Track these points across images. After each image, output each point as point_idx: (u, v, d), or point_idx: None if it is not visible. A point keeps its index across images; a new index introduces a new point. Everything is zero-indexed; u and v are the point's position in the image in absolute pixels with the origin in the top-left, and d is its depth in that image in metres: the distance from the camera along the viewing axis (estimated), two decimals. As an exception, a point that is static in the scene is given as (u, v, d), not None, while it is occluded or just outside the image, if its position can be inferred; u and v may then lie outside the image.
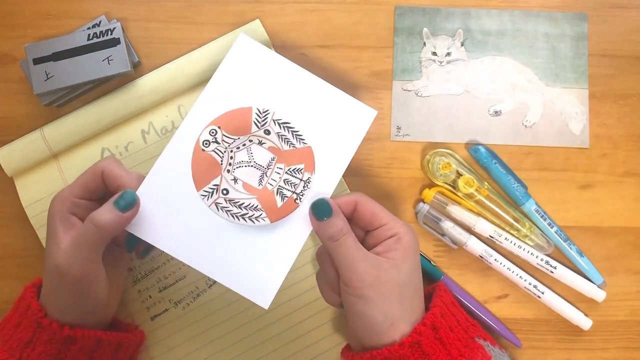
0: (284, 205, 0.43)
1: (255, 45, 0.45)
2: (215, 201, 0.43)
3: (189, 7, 0.54)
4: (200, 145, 0.43)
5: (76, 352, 0.42)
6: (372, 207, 0.43)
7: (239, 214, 0.43)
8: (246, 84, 0.44)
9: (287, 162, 0.44)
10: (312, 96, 0.45)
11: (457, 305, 0.46)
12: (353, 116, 0.45)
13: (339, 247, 0.41)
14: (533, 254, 0.52)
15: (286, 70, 0.45)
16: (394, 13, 0.55)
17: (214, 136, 0.43)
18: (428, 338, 0.40)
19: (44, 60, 0.50)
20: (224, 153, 0.43)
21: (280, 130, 0.44)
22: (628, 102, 0.55)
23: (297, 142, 0.44)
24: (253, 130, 0.44)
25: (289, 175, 0.43)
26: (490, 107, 0.54)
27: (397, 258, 0.42)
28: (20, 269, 0.52)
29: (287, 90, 0.45)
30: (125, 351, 0.46)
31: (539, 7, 0.55)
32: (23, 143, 0.51)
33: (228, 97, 0.44)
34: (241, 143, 0.44)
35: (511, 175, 0.52)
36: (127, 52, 0.51)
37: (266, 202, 0.43)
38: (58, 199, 0.43)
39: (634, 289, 0.53)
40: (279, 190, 0.43)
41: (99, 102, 0.52)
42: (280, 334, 0.51)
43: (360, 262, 0.41)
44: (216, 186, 0.43)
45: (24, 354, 0.41)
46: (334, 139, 0.44)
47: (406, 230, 0.43)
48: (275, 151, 0.44)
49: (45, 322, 0.41)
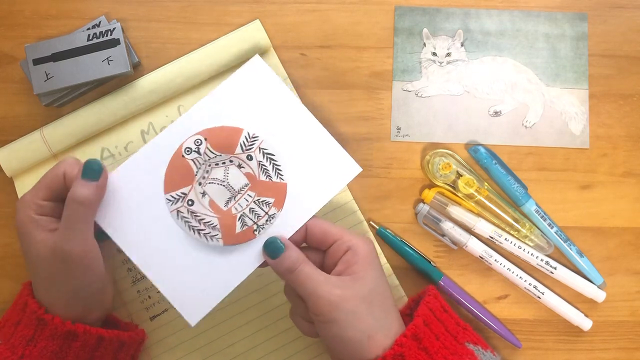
0: (242, 233, 0.43)
1: (267, 70, 0.45)
2: (178, 209, 0.43)
3: (189, 7, 0.54)
4: (182, 150, 0.43)
5: (78, 349, 0.42)
6: (321, 225, 0.44)
7: (195, 227, 0.43)
8: (245, 104, 0.45)
9: (259, 192, 0.44)
10: (305, 136, 0.45)
11: (448, 309, 0.46)
12: (338, 166, 0.45)
13: (298, 277, 0.41)
14: (533, 255, 0.52)
15: (288, 103, 0.45)
16: (394, 13, 0.55)
17: (197, 146, 0.43)
18: (411, 349, 0.40)
19: (44, 60, 0.50)
20: (201, 165, 0.43)
21: (263, 159, 0.44)
22: (628, 102, 0.55)
23: (275, 175, 0.44)
24: (237, 151, 0.44)
25: (256, 205, 0.43)
26: (490, 107, 0.54)
27: (359, 271, 0.41)
28: (20, 269, 0.52)
29: (282, 122, 0.45)
30: (127, 350, 0.46)
31: (539, 7, 0.55)
32: (23, 143, 0.51)
33: (224, 112, 0.44)
34: (221, 161, 0.44)
35: (511, 175, 0.52)
36: (127, 53, 0.51)
37: (225, 225, 0.43)
38: (22, 204, 0.43)
39: (634, 289, 0.53)
40: (241, 217, 0.43)
41: (99, 103, 0.52)
42: (280, 335, 0.51)
43: (322, 286, 0.41)
44: (184, 195, 0.43)
45: (26, 351, 0.41)
46: (312, 183, 0.44)
47: (361, 240, 0.43)
48: (250, 178, 0.44)
49: (47, 318, 0.41)
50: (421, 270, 0.52)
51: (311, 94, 0.54)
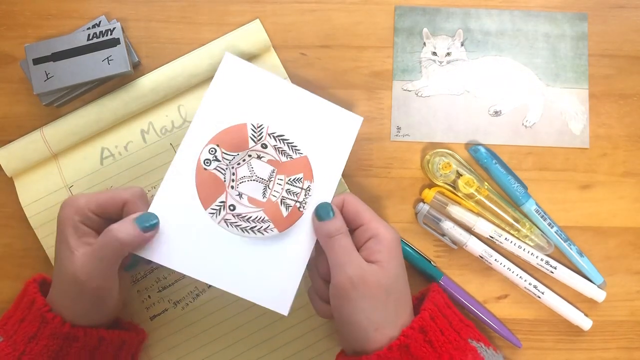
0: (289, 215, 0.44)
1: (241, 62, 0.46)
2: (224, 218, 0.44)
3: (189, 7, 0.54)
4: (201, 164, 0.44)
5: (78, 349, 0.42)
6: (356, 206, 0.45)
7: (248, 227, 0.44)
8: (238, 100, 0.46)
9: (287, 172, 0.45)
10: (301, 108, 0.46)
11: (451, 306, 0.46)
12: (341, 124, 0.47)
13: (334, 245, 0.42)
14: (533, 254, 0.52)
15: (273, 85, 0.46)
16: (394, 13, 0.55)
17: (213, 154, 0.44)
18: (417, 341, 0.41)
19: (43, 60, 0.50)
20: (225, 170, 0.44)
21: (277, 142, 0.45)
22: (628, 102, 0.55)
23: (293, 152, 0.45)
24: (250, 145, 0.45)
25: (290, 185, 0.45)
26: (490, 107, 0.54)
27: (383, 260, 0.42)
28: (20, 269, 0.52)
29: (276, 103, 0.46)
30: (128, 350, 0.46)
31: (539, 7, 0.55)
32: (23, 143, 0.51)
33: (222, 115, 0.45)
34: (241, 159, 0.45)
35: (511, 175, 0.52)
36: (127, 52, 0.51)
37: (272, 213, 0.44)
38: (72, 206, 0.43)
39: (634, 289, 0.53)
40: (282, 201, 0.45)
41: (99, 102, 0.52)
42: (280, 334, 0.51)
43: (352, 261, 0.42)
44: (223, 203, 0.44)
45: (28, 348, 0.41)
46: (326, 146, 0.46)
47: (386, 231, 0.43)
48: (274, 163, 0.45)
49: (50, 316, 0.42)
50: (421, 270, 0.52)
51: (311, 93, 0.54)
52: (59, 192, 0.51)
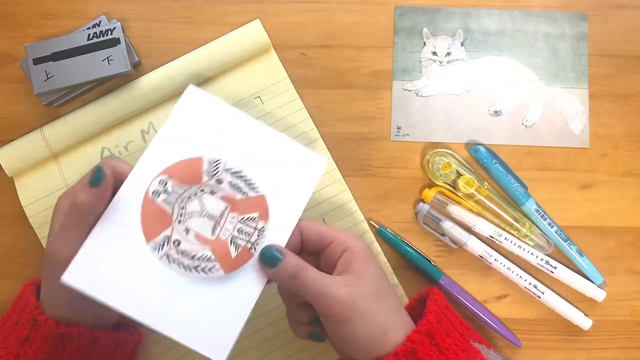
0: (239, 255, 0.42)
1: (205, 95, 0.44)
2: (167, 253, 0.41)
3: (189, 7, 0.54)
4: (149, 195, 0.42)
5: (72, 351, 0.42)
6: (316, 228, 0.43)
7: (191, 265, 0.41)
8: (197, 133, 0.44)
9: (240, 211, 0.43)
10: (263, 144, 0.44)
11: (452, 309, 0.46)
12: (304, 163, 0.44)
13: (303, 282, 0.40)
14: (533, 254, 0.52)
15: (235, 120, 0.44)
16: (394, 13, 0.55)
17: (163, 186, 0.42)
18: (424, 345, 0.40)
19: (44, 60, 0.50)
20: (174, 203, 0.42)
21: (232, 179, 0.43)
22: (628, 102, 0.55)
23: (250, 190, 0.43)
24: (204, 179, 0.43)
25: (243, 224, 0.42)
26: (490, 107, 0.54)
27: (360, 269, 0.41)
28: (20, 269, 0.52)
29: (237, 139, 0.44)
30: (123, 351, 0.46)
31: (539, 7, 0.55)
32: (23, 143, 0.51)
33: (178, 147, 0.43)
34: (192, 193, 0.42)
35: (511, 175, 0.52)
36: (127, 52, 0.51)
37: (220, 252, 0.42)
38: (66, 193, 0.43)
39: (634, 289, 0.53)
40: (232, 240, 0.42)
41: (99, 102, 0.52)
42: (280, 334, 0.51)
43: (331, 286, 0.40)
44: (167, 237, 0.42)
45: (21, 351, 0.41)
46: (286, 186, 0.44)
47: (355, 240, 0.43)
48: (228, 200, 0.43)
49: (41, 319, 0.41)
50: (421, 269, 0.52)
51: (311, 94, 0.54)
52: (59, 192, 0.51)
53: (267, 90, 0.53)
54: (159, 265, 0.41)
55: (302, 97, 0.54)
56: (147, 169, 0.42)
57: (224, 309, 0.41)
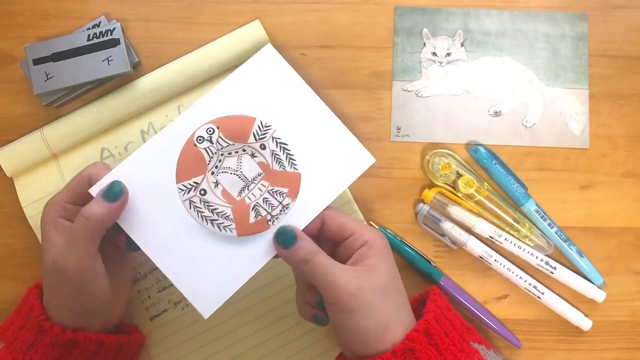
0: (256, 223, 0.42)
1: (279, 59, 0.44)
2: (190, 198, 0.42)
3: (189, 7, 0.54)
4: (194, 139, 0.42)
5: (78, 356, 0.42)
6: (339, 218, 0.43)
7: (208, 217, 0.42)
8: (257, 93, 0.44)
9: (272, 181, 0.43)
10: (318, 125, 0.44)
11: (452, 309, 0.46)
12: (352, 157, 0.44)
13: (314, 268, 0.41)
14: (533, 255, 0.52)
15: (301, 93, 0.44)
16: (394, 13, 0.55)
17: (210, 135, 0.42)
18: (422, 344, 0.40)
19: (43, 60, 0.50)
20: (214, 154, 0.43)
21: (276, 149, 0.43)
22: (628, 102, 0.55)
23: (288, 165, 0.43)
24: (250, 140, 0.43)
25: (270, 195, 0.43)
26: (490, 107, 0.54)
27: (374, 264, 0.41)
28: (20, 269, 0.52)
29: (295, 111, 0.44)
30: (126, 353, 0.46)
31: (539, 7, 0.55)
32: (23, 143, 0.51)
33: (236, 101, 0.43)
34: (234, 150, 0.43)
35: (511, 175, 0.52)
36: (127, 53, 0.51)
37: (239, 215, 0.42)
38: (49, 205, 0.43)
39: (634, 289, 0.53)
40: (255, 207, 0.42)
41: (99, 102, 0.52)
42: (280, 334, 0.51)
43: (341, 276, 0.40)
44: (196, 184, 0.42)
45: (27, 356, 0.41)
46: (326, 173, 0.44)
47: (376, 236, 0.43)
48: (264, 167, 0.43)
49: (47, 325, 0.41)
50: (421, 270, 0.52)
51: (311, 94, 0.54)
52: (59, 192, 0.51)
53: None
54: (180, 208, 0.42)
55: (302, 98, 0.54)
56: (200, 113, 0.43)
57: (225, 269, 0.42)
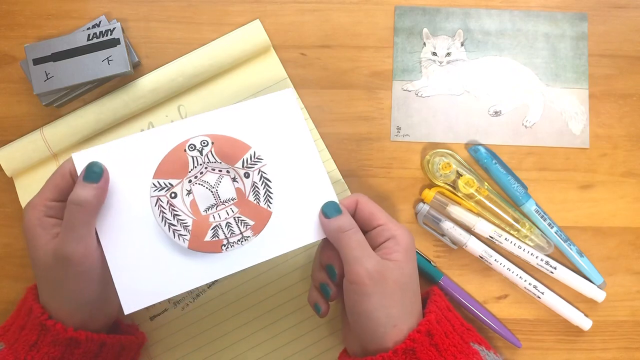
0: (210, 243, 0.42)
1: (294, 105, 0.46)
2: (159, 196, 0.42)
3: (189, 7, 0.54)
4: (186, 145, 0.43)
5: (80, 356, 0.42)
6: (370, 207, 0.44)
7: (168, 221, 0.42)
8: (263, 126, 0.45)
9: (242, 210, 0.43)
10: (307, 178, 0.45)
11: (452, 310, 0.46)
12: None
13: (348, 239, 0.42)
14: (533, 255, 0.52)
15: (303, 143, 0.45)
16: (394, 13, 0.55)
17: (202, 146, 0.43)
18: (423, 345, 0.40)
19: (43, 60, 0.50)
20: (198, 165, 0.43)
21: (258, 182, 0.43)
22: (628, 102, 0.55)
23: (263, 201, 0.43)
24: (237, 165, 0.44)
25: (235, 222, 0.43)
26: (490, 107, 0.54)
27: (400, 259, 0.42)
28: (20, 269, 0.52)
29: (291, 157, 0.45)
30: (127, 354, 0.46)
31: (539, 7, 0.55)
32: (23, 143, 0.51)
33: (239, 125, 0.44)
34: (218, 168, 0.43)
35: (511, 175, 0.52)
36: (127, 53, 0.51)
37: (197, 229, 0.42)
38: (30, 207, 0.43)
39: (634, 289, 0.53)
40: (215, 227, 0.43)
41: (99, 102, 0.52)
42: (280, 334, 0.51)
43: (369, 258, 0.41)
44: (170, 185, 0.43)
45: (29, 356, 0.41)
46: (295, 223, 0.44)
47: (403, 232, 0.43)
48: (240, 194, 0.43)
49: (49, 324, 0.41)
50: (421, 270, 0.52)
51: (311, 94, 0.54)
52: (59, 192, 0.51)
53: (267, 90, 0.53)
54: (145, 204, 0.42)
55: (301, 97, 0.54)
56: (200, 123, 0.44)
57: (164, 274, 0.42)
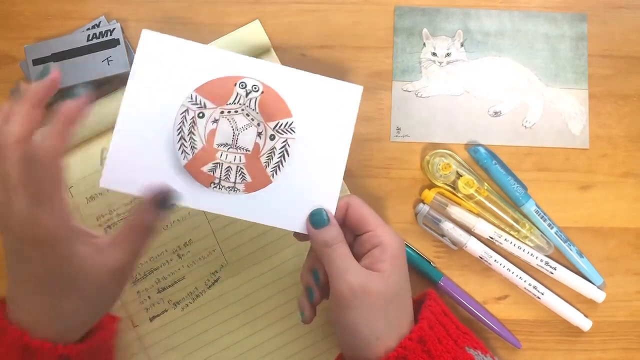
0: (204, 174, 0.42)
1: (356, 102, 0.44)
2: (189, 108, 0.42)
3: (189, 7, 0.54)
4: (237, 80, 0.42)
5: None
6: (361, 211, 0.43)
7: (182, 134, 0.42)
8: (314, 105, 0.44)
9: (248, 164, 0.42)
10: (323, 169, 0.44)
11: (448, 313, 0.45)
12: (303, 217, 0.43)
13: (332, 254, 0.41)
14: (533, 255, 0.52)
15: (338, 140, 0.44)
16: (393, 13, 0.55)
17: (252, 89, 0.42)
18: (415, 352, 0.40)
19: (43, 60, 0.50)
20: (237, 103, 0.42)
21: (277, 150, 0.43)
22: (628, 102, 0.55)
23: (271, 168, 0.43)
24: (269, 123, 0.43)
25: (235, 170, 0.42)
26: (490, 107, 0.54)
27: (386, 269, 0.41)
28: (20, 269, 0.52)
29: (320, 145, 0.44)
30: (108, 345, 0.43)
31: (539, 7, 0.55)
32: (23, 143, 0.51)
33: (295, 91, 0.43)
34: (252, 117, 0.42)
35: (511, 175, 0.52)
36: (126, 53, 0.51)
37: (200, 157, 0.42)
38: None
39: (634, 290, 0.53)
40: (216, 164, 0.42)
41: (99, 102, 0.52)
42: (280, 335, 0.51)
43: (352, 271, 0.40)
44: (204, 105, 0.42)
45: None
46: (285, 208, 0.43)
47: (392, 239, 0.42)
48: (255, 149, 0.43)
49: (35, 345, 0.36)
50: (421, 270, 0.52)
51: (311, 94, 0.54)
52: (58, 192, 0.51)
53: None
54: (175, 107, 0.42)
55: (301, 98, 0.54)
56: (263, 69, 0.43)
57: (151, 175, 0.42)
